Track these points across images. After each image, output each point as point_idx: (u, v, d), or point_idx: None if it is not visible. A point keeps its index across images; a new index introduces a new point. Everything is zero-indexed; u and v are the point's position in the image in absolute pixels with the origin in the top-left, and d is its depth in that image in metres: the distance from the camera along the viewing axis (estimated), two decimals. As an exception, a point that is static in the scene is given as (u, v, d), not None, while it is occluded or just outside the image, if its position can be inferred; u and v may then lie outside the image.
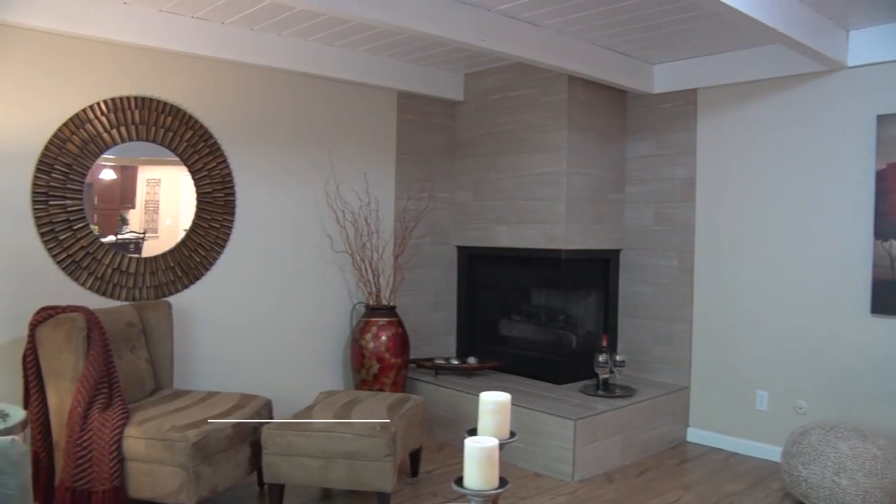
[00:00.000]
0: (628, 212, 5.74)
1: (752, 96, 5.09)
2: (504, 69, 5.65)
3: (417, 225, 5.75)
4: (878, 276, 4.52)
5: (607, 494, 4.29)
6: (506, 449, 4.68)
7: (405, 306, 5.70)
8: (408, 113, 5.78)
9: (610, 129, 5.61)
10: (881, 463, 3.87)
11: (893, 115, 4.45)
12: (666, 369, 5.53)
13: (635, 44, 4.94)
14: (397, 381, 5.23)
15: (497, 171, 5.74)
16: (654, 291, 5.59)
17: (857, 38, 4.57)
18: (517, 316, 6.00)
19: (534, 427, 4.67)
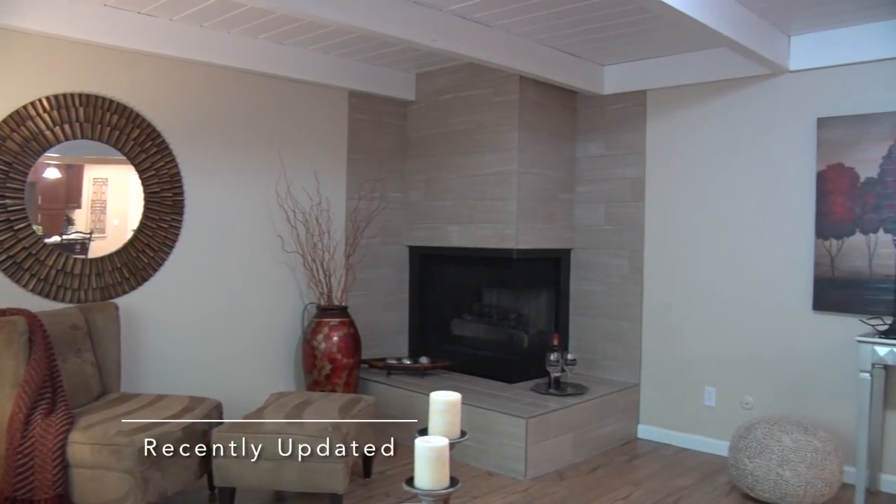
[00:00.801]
0: (579, 211, 5.80)
1: (700, 98, 5.18)
2: (456, 69, 5.66)
3: (369, 225, 5.73)
4: (820, 274, 4.65)
5: (559, 492, 4.33)
6: (458, 448, 4.69)
7: (357, 306, 5.67)
8: (359, 112, 5.76)
9: (560, 129, 5.66)
10: (821, 454, 4.00)
11: (832, 118, 4.58)
12: (616, 367, 5.60)
13: (586, 45, 4.99)
14: (349, 381, 5.21)
15: (448, 170, 5.75)
16: (604, 290, 5.66)
17: (799, 44, 4.70)
18: (469, 315, 6.02)
19: (486, 426, 4.69)
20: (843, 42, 4.51)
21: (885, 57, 4.39)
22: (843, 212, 4.55)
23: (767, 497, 4.08)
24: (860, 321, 4.41)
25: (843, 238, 4.56)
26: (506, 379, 5.44)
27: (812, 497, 4.00)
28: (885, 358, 4.06)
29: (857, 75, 4.53)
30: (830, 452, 4.04)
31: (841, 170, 4.56)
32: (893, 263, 4.31)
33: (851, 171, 4.52)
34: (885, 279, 4.37)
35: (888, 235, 4.38)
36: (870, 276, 4.45)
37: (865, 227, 4.48)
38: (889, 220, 4.36)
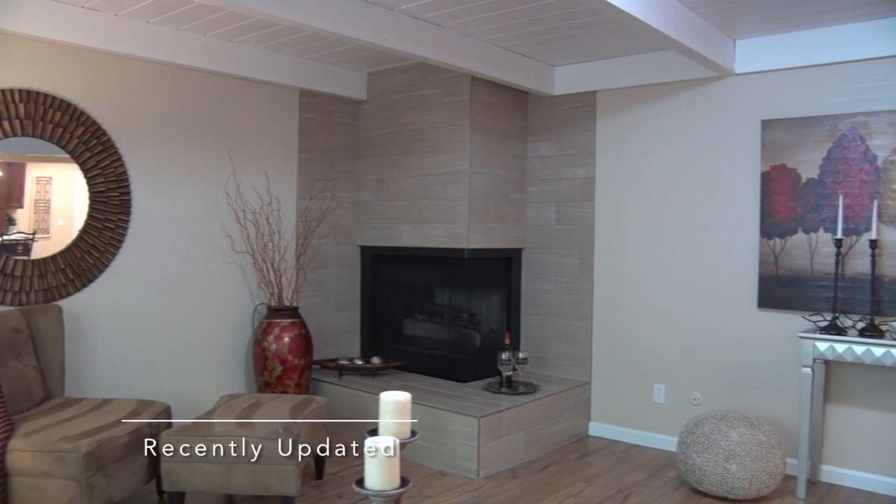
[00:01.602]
0: (530, 211, 5.84)
1: (648, 99, 5.26)
2: (407, 69, 5.66)
3: (320, 225, 5.69)
4: (764, 272, 4.76)
5: (512, 490, 4.36)
6: (411, 448, 4.70)
7: (308, 307, 5.63)
8: (310, 112, 5.72)
9: (511, 129, 5.69)
10: (766, 448, 4.10)
11: (775, 120, 4.69)
12: (568, 365, 5.66)
13: (536, 46, 5.03)
14: (301, 382, 5.17)
15: (400, 170, 5.74)
16: (555, 289, 5.71)
17: (743, 48, 4.80)
18: (421, 315, 6.02)
19: (438, 425, 4.69)
20: (786, 47, 4.63)
21: (825, 62, 4.52)
22: (786, 211, 4.66)
23: (715, 490, 4.17)
24: (802, 318, 4.54)
25: (787, 237, 4.67)
26: (458, 378, 5.45)
27: (757, 489, 4.11)
28: (826, 353, 4.18)
29: (799, 79, 4.65)
30: (774, 445, 4.15)
31: (784, 170, 4.68)
32: (833, 262, 4.43)
33: (794, 171, 4.64)
34: (826, 277, 4.49)
35: (828, 234, 4.50)
36: (811, 274, 4.57)
37: (807, 227, 4.59)
38: (829, 220, 4.49)
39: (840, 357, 4.15)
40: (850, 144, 4.44)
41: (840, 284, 4.41)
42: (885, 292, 4.32)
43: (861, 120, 4.40)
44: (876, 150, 4.36)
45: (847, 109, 4.46)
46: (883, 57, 4.34)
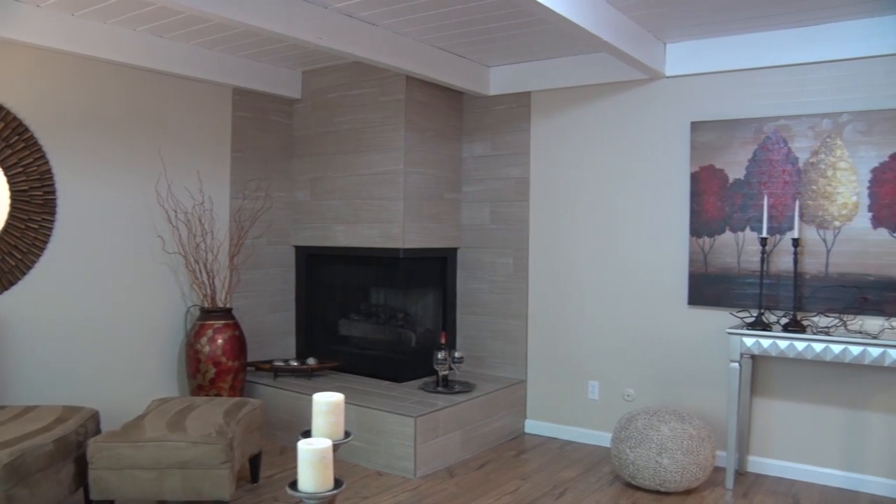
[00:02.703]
0: (465, 211, 5.87)
1: (582, 100, 5.34)
2: (342, 68, 5.62)
3: (254, 225, 5.62)
4: (694, 270, 4.87)
5: (449, 489, 4.37)
6: (348, 449, 4.69)
7: (242, 308, 5.55)
8: (243, 110, 5.63)
9: (447, 129, 5.71)
10: (696, 441, 4.21)
11: (704, 122, 4.82)
12: (503, 364, 5.70)
13: (471, 46, 5.05)
14: (235, 385, 5.09)
15: (335, 170, 5.71)
16: (490, 288, 5.75)
17: (674, 51, 4.91)
18: (356, 315, 6.00)
19: (375, 426, 4.68)
20: (714, 51, 4.76)
21: (751, 66, 4.66)
22: (715, 211, 4.79)
23: (647, 484, 4.25)
24: (730, 314, 4.68)
25: (715, 236, 4.79)
26: (394, 378, 5.44)
27: (688, 482, 4.21)
28: (752, 348, 4.31)
29: (726, 82, 4.78)
30: (704, 439, 4.26)
31: (712, 171, 4.80)
32: (759, 260, 4.57)
33: (722, 172, 4.76)
34: (752, 275, 4.63)
35: (754, 233, 4.64)
36: (738, 271, 4.71)
37: (734, 226, 4.73)
38: (755, 220, 4.63)
39: (765, 352, 4.28)
40: (773, 146, 4.59)
41: (765, 282, 4.56)
42: (806, 289, 4.48)
43: (784, 123, 4.55)
44: (797, 153, 4.51)
45: (771, 113, 4.61)
46: (804, 63, 4.50)
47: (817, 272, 4.46)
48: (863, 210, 4.33)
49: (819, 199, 4.46)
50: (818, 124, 4.45)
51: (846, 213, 4.38)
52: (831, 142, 4.42)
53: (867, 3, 4.04)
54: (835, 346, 4.08)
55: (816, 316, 4.42)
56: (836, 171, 4.41)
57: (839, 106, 4.41)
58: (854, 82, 4.38)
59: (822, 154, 4.45)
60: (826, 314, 4.39)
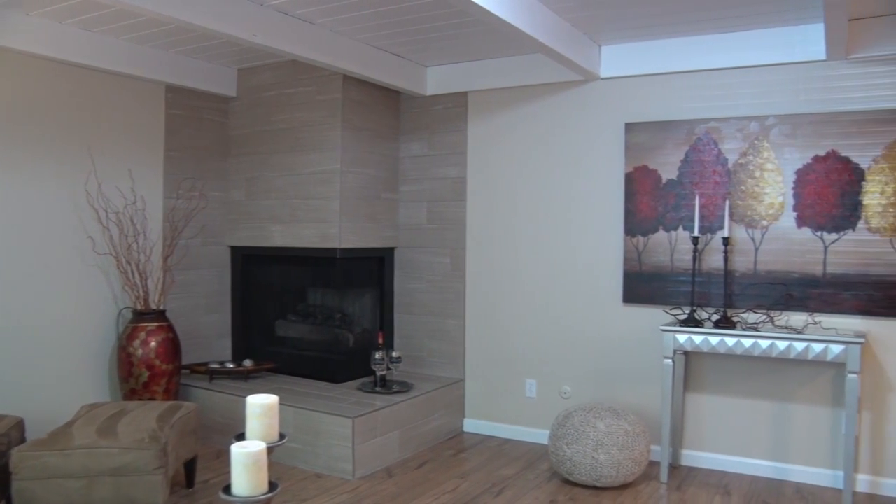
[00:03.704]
0: (402, 210, 5.87)
1: (518, 101, 5.38)
2: (278, 66, 5.56)
3: (188, 225, 5.51)
4: (628, 268, 4.96)
5: (388, 489, 4.36)
6: (286, 451, 4.65)
7: (176, 310, 5.44)
8: (177, 108, 5.52)
9: (384, 129, 5.69)
10: (631, 437, 4.29)
11: (638, 123, 4.91)
12: (441, 363, 5.71)
13: (408, 46, 5.05)
14: (169, 388, 4.99)
15: (271, 169, 5.64)
16: (427, 288, 5.75)
17: (608, 53, 4.99)
18: (293, 316, 5.93)
19: (313, 427, 4.64)
20: (648, 54, 4.85)
21: (682, 70, 4.77)
22: (649, 210, 4.88)
23: (584, 480, 4.32)
24: (664, 311, 4.78)
25: (649, 235, 4.89)
26: (332, 379, 5.41)
27: (624, 477, 4.28)
28: (685, 345, 4.41)
29: (659, 85, 4.88)
30: (639, 434, 4.35)
31: (646, 171, 4.89)
32: (691, 258, 4.68)
33: (655, 172, 4.86)
34: (685, 273, 4.74)
35: (686, 232, 4.75)
36: (671, 270, 4.81)
37: (668, 225, 4.83)
38: (687, 219, 4.73)
39: (697, 348, 4.38)
40: (704, 148, 4.70)
41: (697, 279, 4.67)
42: (736, 286, 4.60)
43: (714, 125, 4.67)
44: (727, 154, 4.64)
45: (702, 115, 4.73)
46: (733, 68, 4.63)
47: (746, 270, 4.59)
48: (788, 210, 4.48)
49: (748, 199, 4.59)
50: (746, 127, 4.58)
51: (773, 212, 4.52)
52: (759, 144, 4.55)
53: (790, 12, 4.18)
54: (762, 342, 4.21)
55: (746, 312, 4.55)
56: (763, 171, 4.55)
57: (765, 109, 4.55)
58: (779, 87, 4.52)
59: (751, 155, 4.58)
60: (755, 310, 4.53)
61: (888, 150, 4.23)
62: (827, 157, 4.38)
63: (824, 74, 4.40)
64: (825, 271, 4.39)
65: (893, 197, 4.23)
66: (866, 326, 4.32)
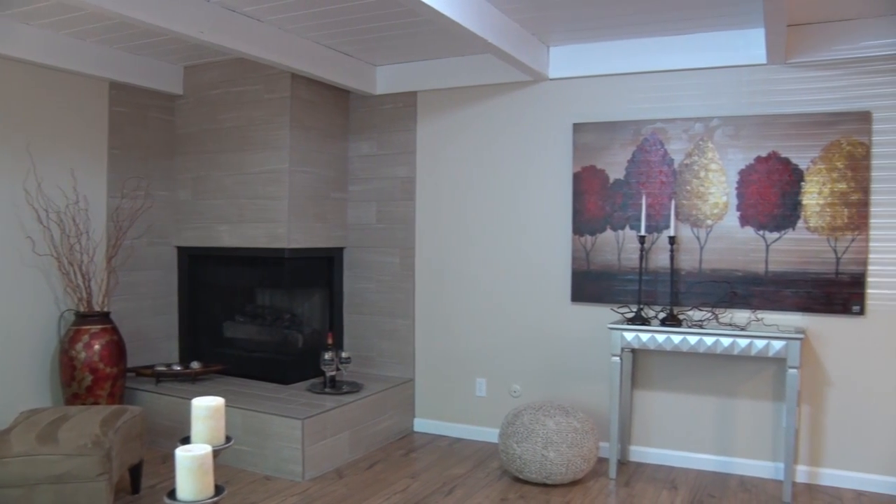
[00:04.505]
0: (351, 210, 5.84)
1: (467, 101, 5.40)
2: (225, 63, 5.48)
3: (133, 225, 5.40)
4: (577, 268, 5.01)
5: (338, 490, 4.33)
6: (235, 454, 4.59)
7: (121, 312, 5.33)
8: (121, 105, 5.40)
9: (332, 128, 5.66)
10: (580, 434, 4.34)
11: (585, 123, 4.96)
12: (391, 363, 5.70)
13: (357, 45, 5.02)
14: (114, 392, 4.89)
15: (218, 168, 5.56)
16: (377, 288, 5.74)
17: (557, 54, 5.04)
18: (242, 317, 5.86)
19: (262, 429, 4.59)
20: (595, 55, 4.91)
21: (629, 71, 4.84)
22: (596, 210, 4.94)
23: (534, 478, 4.35)
24: (611, 310, 4.84)
25: (597, 234, 4.95)
26: (281, 380, 5.36)
27: (573, 474, 4.33)
28: (632, 342, 4.48)
29: (607, 86, 4.94)
30: (588, 431, 4.40)
31: (594, 171, 4.95)
32: (638, 257, 4.75)
33: (602, 172, 4.92)
34: (632, 271, 4.81)
35: (633, 232, 4.82)
36: (619, 269, 4.87)
37: (615, 225, 4.89)
38: (634, 218, 4.80)
39: (644, 345, 4.45)
40: (651, 148, 4.78)
41: (644, 278, 4.74)
42: (682, 284, 4.69)
43: (660, 126, 4.75)
44: (673, 154, 4.72)
45: (648, 116, 4.80)
46: (678, 70, 4.72)
47: (692, 268, 4.68)
48: (732, 209, 4.58)
49: (693, 199, 4.68)
50: (691, 128, 4.67)
51: (717, 212, 4.61)
52: (703, 144, 4.64)
53: (733, 16, 4.28)
54: (707, 339, 4.30)
55: (691, 310, 4.64)
56: (707, 172, 4.64)
57: (710, 111, 4.64)
58: (722, 89, 4.62)
59: (696, 156, 4.66)
60: (700, 308, 4.62)
61: (825, 151, 4.35)
62: (768, 158, 4.48)
63: (765, 78, 4.51)
64: (767, 269, 4.50)
65: (830, 197, 4.35)
66: (806, 323, 4.44)
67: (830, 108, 4.36)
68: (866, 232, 4.30)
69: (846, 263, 4.33)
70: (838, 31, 4.30)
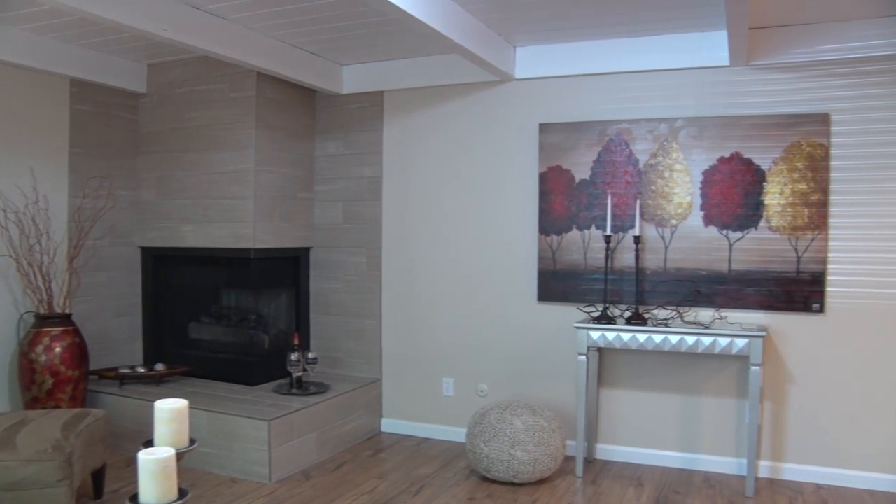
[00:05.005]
0: (317, 210, 5.81)
1: (434, 101, 5.40)
2: (190, 62, 5.42)
3: (95, 225, 5.32)
4: (543, 267, 5.04)
5: (305, 492, 4.31)
6: (200, 457, 4.55)
7: (83, 313, 5.25)
8: (83, 103, 5.32)
9: (299, 127, 5.63)
10: (547, 433, 4.36)
11: (551, 123, 4.99)
12: (358, 364, 5.68)
13: (324, 44, 5.00)
14: (76, 395, 4.81)
15: (183, 168, 5.50)
16: (344, 288, 5.71)
17: (523, 54, 5.06)
18: (207, 318, 5.80)
19: (228, 431, 4.55)
20: (561, 55, 4.94)
21: (595, 72, 4.87)
22: (562, 210, 4.97)
23: (502, 477, 4.36)
24: (578, 309, 4.87)
25: (563, 234, 4.97)
26: (247, 381, 5.32)
27: (540, 472, 4.35)
28: (598, 341, 4.51)
29: (572, 86, 4.97)
30: (555, 430, 4.42)
31: (560, 171, 4.98)
32: (604, 256, 4.78)
33: (568, 172, 4.95)
34: (598, 271, 4.84)
35: (599, 231, 4.85)
36: (585, 268, 4.91)
37: (581, 224, 4.92)
38: (599, 218, 4.84)
39: (610, 344, 4.49)
40: (616, 148, 4.82)
41: (610, 277, 4.78)
42: (647, 283, 4.73)
43: (625, 126, 4.79)
44: (638, 155, 4.76)
45: (614, 116, 4.84)
46: (643, 71, 4.76)
47: (657, 267, 4.72)
48: (696, 209, 4.63)
49: (658, 199, 4.72)
50: (656, 128, 4.71)
51: (681, 211, 4.67)
52: (668, 145, 4.69)
53: (696, 18, 4.33)
54: (672, 337, 4.35)
55: (656, 309, 4.68)
56: (672, 172, 4.69)
57: (674, 112, 4.69)
58: (687, 90, 4.68)
59: (660, 156, 4.71)
60: (665, 307, 4.67)
61: (786, 152, 4.43)
62: (731, 158, 4.54)
63: (728, 79, 4.57)
64: (730, 268, 4.56)
65: (791, 197, 4.43)
66: (768, 321, 4.51)
67: (791, 110, 4.43)
68: (826, 231, 4.38)
69: (806, 262, 4.41)
70: (798, 34, 4.37)
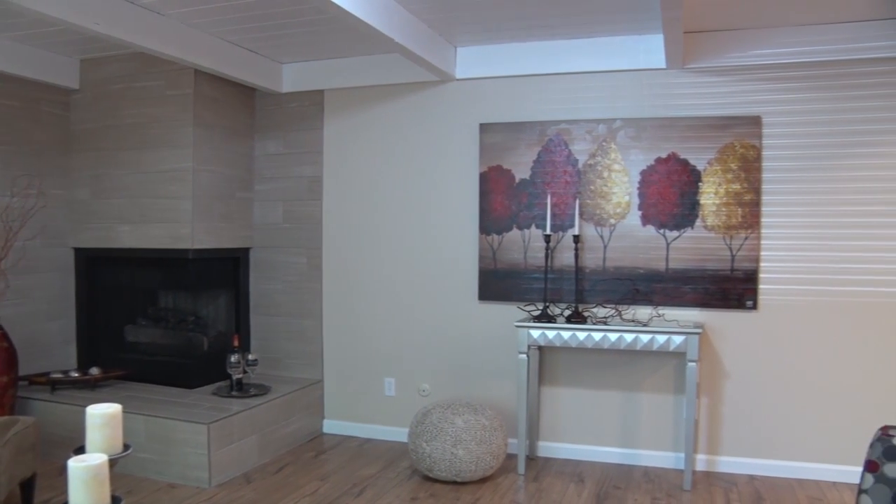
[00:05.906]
0: (257, 210, 5.74)
1: (375, 100, 5.38)
2: (125, 58, 5.30)
3: (25, 225, 5.16)
4: (484, 266, 5.07)
5: (246, 496, 4.26)
6: (138, 462, 4.46)
7: (12, 317, 5.08)
8: (9, 98, 5.14)
9: (238, 126, 5.55)
10: (489, 431, 4.39)
11: (492, 123, 5.02)
12: (299, 365, 5.64)
13: (263, 42, 4.94)
14: (4, 402, 4.65)
15: (119, 166, 5.37)
16: (284, 289, 5.66)
17: (464, 55, 5.08)
18: (144, 320, 5.68)
19: (165, 436, 4.47)
20: (501, 56, 4.98)
21: (534, 73, 4.93)
22: (503, 209, 5.00)
23: (444, 476, 4.37)
24: (518, 308, 4.91)
25: (503, 233, 5.01)
26: (186, 384, 5.22)
27: (483, 470, 4.38)
28: (538, 339, 4.55)
29: (512, 87, 5.01)
30: (497, 428, 4.45)
31: (500, 171, 5.01)
32: (543, 256, 4.83)
33: (509, 172, 4.99)
34: (538, 270, 4.89)
35: (539, 231, 4.90)
36: (525, 267, 4.95)
37: (521, 224, 4.96)
38: (539, 217, 4.88)
39: (550, 342, 4.54)
40: (556, 149, 4.87)
41: (550, 276, 4.83)
42: (587, 282, 4.80)
43: (565, 127, 4.85)
44: (577, 155, 4.82)
45: (553, 117, 4.90)
46: (582, 72, 4.83)
47: (596, 266, 4.79)
48: (634, 209, 4.71)
49: (597, 199, 4.79)
50: (595, 129, 4.78)
51: (620, 211, 4.74)
52: (606, 145, 4.76)
53: (633, 22, 4.41)
54: (611, 335, 4.41)
55: (596, 307, 4.75)
56: (611, 172, 4.76)
57: (612, 113, 4.77)
58: (624, 92, 4.76)
59: (599, 157, 4.78)
60: (604, 305, 4.74)
61: (720, 153, 4.54)
62: (668, 159, 4.64)
63: (664, 82, 4.66)
64: (668, 267, 4.65)
65: (725, 197, 4.54)
66: (704, 318, 4.61)
67: (724, 112, 4.54)
68: (758, 230, 4.50)
69: (740, 260, 4.52)
70: (732, 39, 4.49)
